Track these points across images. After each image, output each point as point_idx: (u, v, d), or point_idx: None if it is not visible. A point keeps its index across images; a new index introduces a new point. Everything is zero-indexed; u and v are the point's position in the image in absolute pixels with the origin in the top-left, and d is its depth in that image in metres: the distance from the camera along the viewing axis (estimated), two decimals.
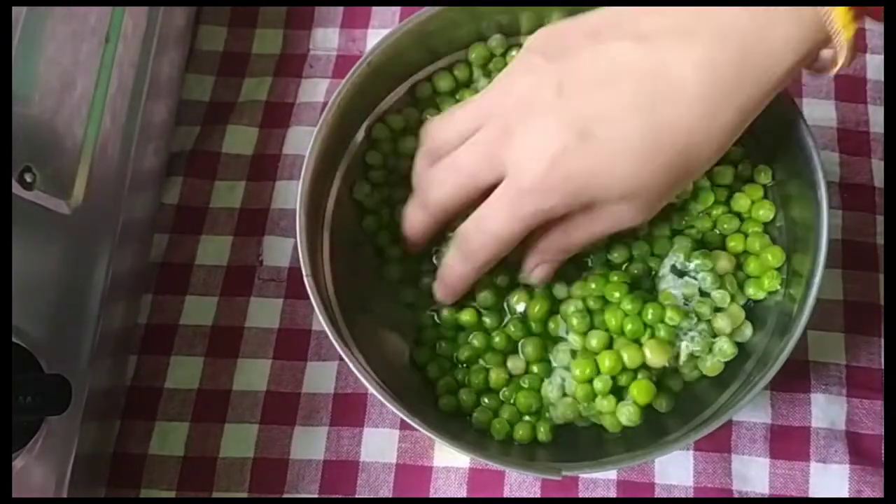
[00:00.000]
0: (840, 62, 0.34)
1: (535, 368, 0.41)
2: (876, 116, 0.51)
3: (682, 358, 0.40)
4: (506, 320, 0.42)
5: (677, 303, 0.40)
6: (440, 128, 0.40)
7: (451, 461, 0.44)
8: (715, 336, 0.40)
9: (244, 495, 0.45)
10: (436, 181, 0.39)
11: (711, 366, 0.40)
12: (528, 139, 0.35)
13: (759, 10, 0.32)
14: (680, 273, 0.41)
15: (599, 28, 0.35)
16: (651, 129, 0.33)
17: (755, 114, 0.34)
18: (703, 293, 0.41)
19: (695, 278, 0.41)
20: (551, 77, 0.35)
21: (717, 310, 0.41)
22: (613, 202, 0.36)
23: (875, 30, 0.53)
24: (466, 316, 0.42)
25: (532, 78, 0.36)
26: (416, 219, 0.40)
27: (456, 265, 0.40)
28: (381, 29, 0.55)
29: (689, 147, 0.33)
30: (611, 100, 0.33)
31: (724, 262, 0.41)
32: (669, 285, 0.41)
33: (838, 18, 0.31)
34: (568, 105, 0.34)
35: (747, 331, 0.41)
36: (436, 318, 0.43)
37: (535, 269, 0.40)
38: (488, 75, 0.47)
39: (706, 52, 0.32)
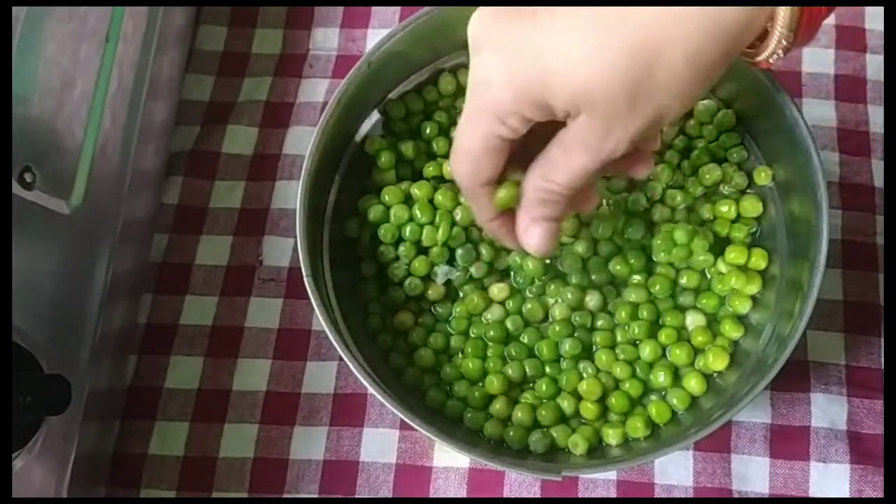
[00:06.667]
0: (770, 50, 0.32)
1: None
2: (876, 116, 0.51)
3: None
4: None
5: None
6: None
7: (450, 461, 0.44)
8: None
9: (244, 495, 0.45)
10: (453, 162, 0.37)
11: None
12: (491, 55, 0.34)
13: None
14: None
15: None
16: (605, 13, 0.31)
17: (729, 41, 0.31)
18: None
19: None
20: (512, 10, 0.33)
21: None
22: (574, 118, 0.33)
23: (875, 30, 0.53)
24: (402, 317, 0.44)
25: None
26: (473, 203, 0.38)
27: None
28: (381, 29, 0.55)
29: (646, 45, 0.30)
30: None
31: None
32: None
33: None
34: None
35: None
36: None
37: (528, 231, 0.36)
38: None
39: None
